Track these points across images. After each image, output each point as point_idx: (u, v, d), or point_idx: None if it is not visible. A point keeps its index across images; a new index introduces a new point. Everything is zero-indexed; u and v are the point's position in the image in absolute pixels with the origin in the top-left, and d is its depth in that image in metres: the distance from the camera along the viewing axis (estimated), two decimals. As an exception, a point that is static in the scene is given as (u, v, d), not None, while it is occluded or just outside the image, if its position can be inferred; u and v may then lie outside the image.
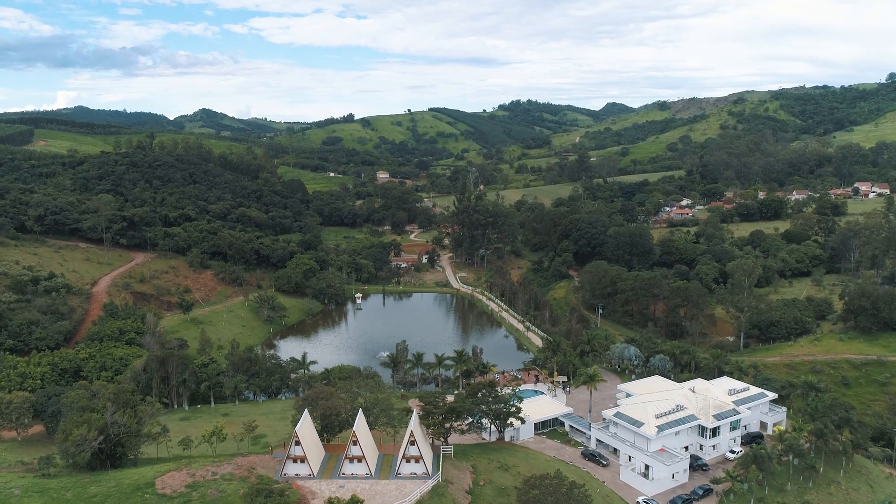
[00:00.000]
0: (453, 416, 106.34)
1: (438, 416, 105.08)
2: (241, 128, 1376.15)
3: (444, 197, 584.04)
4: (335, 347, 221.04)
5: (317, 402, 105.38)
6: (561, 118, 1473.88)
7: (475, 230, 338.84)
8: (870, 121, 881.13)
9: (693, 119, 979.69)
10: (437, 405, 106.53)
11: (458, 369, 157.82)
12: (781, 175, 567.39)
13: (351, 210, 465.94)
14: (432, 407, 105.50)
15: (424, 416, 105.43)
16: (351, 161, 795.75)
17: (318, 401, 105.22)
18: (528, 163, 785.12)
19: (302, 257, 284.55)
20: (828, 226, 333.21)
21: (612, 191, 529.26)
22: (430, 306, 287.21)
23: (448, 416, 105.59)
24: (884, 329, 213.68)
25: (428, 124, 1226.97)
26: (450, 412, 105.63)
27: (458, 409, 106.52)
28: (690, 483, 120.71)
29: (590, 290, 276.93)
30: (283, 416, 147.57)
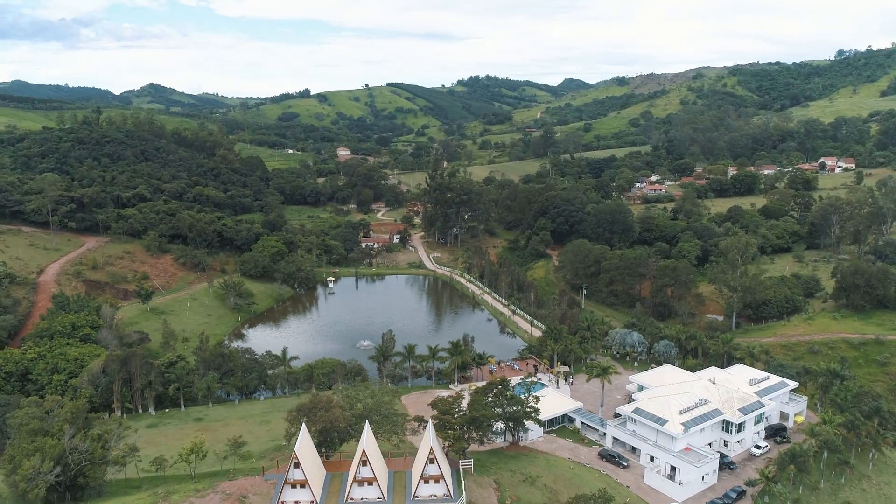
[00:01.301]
0: (474, 426, 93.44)
1: (457, 427, 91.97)
2: (192, 103, 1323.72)
3: (409, 174, 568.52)
4: (309, 337, 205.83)
5: (314, 413, 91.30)
6: (520, 94, 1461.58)
7: (448, 208, 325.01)
8: (824, 96, 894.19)
9: (653, 95, 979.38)
10: (454, 414, 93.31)
11: (453, 362, 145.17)
12: (746, 150, 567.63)
13: (314, 188, 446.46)
14: (450, 417, 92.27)
15: (440, 427, 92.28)
16: (309, 137, 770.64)
17: (316, 412, 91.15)
18: (491, 139, 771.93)
19: (269, 239, 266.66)
20: (804, 201, 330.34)
21: (580, 167, 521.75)
22: (406, 289, 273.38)
23: (468, 426, 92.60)
24: (877, 307, 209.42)
25: (386, 100, 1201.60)
26: (470, 422, 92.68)
27: (479, 420, 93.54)
28: (720, 485, 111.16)
29: (571, 269, 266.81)
30: (264, 419, 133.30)
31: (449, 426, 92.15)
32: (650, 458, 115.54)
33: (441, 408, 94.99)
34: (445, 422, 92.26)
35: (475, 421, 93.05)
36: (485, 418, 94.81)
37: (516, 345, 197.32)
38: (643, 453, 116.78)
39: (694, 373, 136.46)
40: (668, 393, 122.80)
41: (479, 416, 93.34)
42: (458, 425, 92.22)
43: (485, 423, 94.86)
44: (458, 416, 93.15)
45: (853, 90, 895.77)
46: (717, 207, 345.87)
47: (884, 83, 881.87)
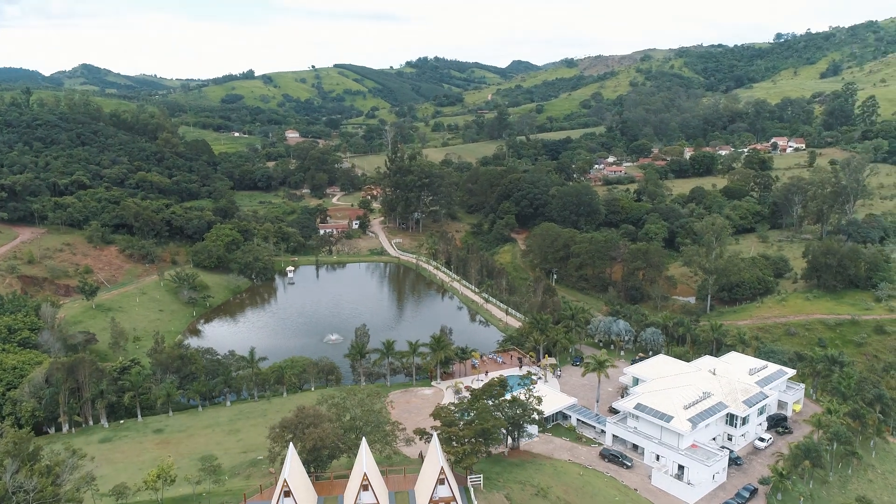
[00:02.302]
0: (484, 438, 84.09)
1: (465, 441, 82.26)
2: (129, 85, 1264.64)
3: (362, 157, 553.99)
4: (272, 331, 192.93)
5: (301, 430, 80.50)
6: (469, 76, 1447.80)
7: (409, 192, 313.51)
8: (766, 78, 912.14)
9: (603, 76, 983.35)
10: (459, 424, 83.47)
11: (435, 357, 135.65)
12: (698, 131, 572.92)
13: (264, 173, 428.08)
14: (456, 429, 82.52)
15: (445, 440, 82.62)
16: (256, 120, 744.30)
17: (304, 429, 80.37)
18: (443, 121, 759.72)
19: (222, 227, 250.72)
20: (763, 181, 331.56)
21: (537, 148, 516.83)
22: (370, 277, 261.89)
23: (477, 440, 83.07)
24: (848, 286, 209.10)
25: (334, 81, 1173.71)
26: (481, 435, 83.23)
27: (490, 431, 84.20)
28: (729, 483, 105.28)
29: (539, 253, 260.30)
30: (233, 427, 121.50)
31: (455, 439, 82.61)
32: (655, 456, 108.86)
33: (445, 418, 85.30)
34: (452, 434, 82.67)
35: (486, 433, 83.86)
36: (495, 429, 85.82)
37: (492, 334, 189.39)
38: (647, 452, 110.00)
39: (689, 363, 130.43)
40: (669, 386, 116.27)
41: (490, 427, 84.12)
42: (466, 438, 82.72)
43: (496, 434, 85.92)
44: (465, 427, 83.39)
45: (794, 72, 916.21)
46: (678, 188, 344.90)
47: (822, 65, 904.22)
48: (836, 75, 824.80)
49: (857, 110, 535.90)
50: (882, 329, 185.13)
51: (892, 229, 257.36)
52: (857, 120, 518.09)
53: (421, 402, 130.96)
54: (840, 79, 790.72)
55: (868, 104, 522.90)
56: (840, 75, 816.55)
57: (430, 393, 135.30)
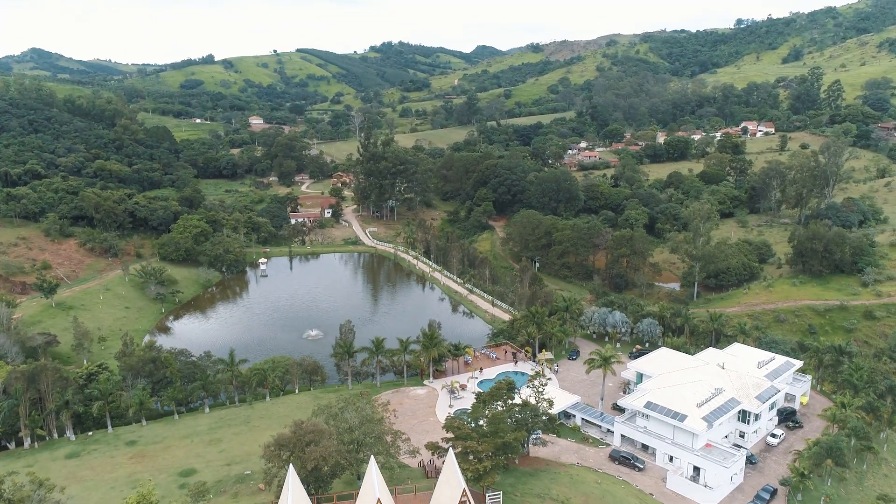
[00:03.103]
0: (504, 453, 76.76)
1: (485, 457, 74.50)
2: (82, 70, 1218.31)
3: (330, 143, 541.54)
4: (247, 328, 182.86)
5: (300, 448, 72.20)
6: (434, 61, 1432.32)
7: (384, 179, 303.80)
8: (730, 63, 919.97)
9: (570, 61, 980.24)
10: (475, 437, 75.70)
11: (428, 355, 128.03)
12: (667, 115, 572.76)
13: (229, 160, 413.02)
14: (474, 444, 74.82)
15: (462, 455, 75.01)
16: (218, 106, 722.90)
17: (304, 447, 72.11)
18: (411, 106, 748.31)
19: (189, 218, 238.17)
20: (739, 166, 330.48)
21: (508, 134, 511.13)
22: (346, 268, 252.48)
23: (497, 455, 75.53)
24: (834, 272, 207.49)
25: (297, 66, 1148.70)
26: (501, 449, 75.82)
27: (512, 445, 76.82)
28: (747, 483, 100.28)
29: (520, 241, 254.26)
30: (213, 436, 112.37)
31: (473, 453, 75.10)
32: (668, 458, 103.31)
33: (458, 431, 77.69)
34: (469, 449, 75.17)
35: (507, 448, 76.61)
36: (517, 441, 78.70)
37: (478, 326, 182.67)
38: (659, 453, 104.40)
39: (694, 356, 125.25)
40: (678, 382, 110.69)
41: (512, 440, 76.88)
42: (485, 453, 75.32)
43: (517, 447, 78.82)
44: (484, 441, 75.85)
45: (757, 57, 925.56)
46: (654, 173, 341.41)
47: (784, 50, 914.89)
48: (798, 60, 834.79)
49: (823, 94, 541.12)
50: (871, 314, 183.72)
51: (871, 212, 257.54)
52: (822, 104, 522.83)
53: (414, 404, 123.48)
54: (802, 64, 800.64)
55: (833, 88, 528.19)
56: (801, 60, 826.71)
57: (424, 393, 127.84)
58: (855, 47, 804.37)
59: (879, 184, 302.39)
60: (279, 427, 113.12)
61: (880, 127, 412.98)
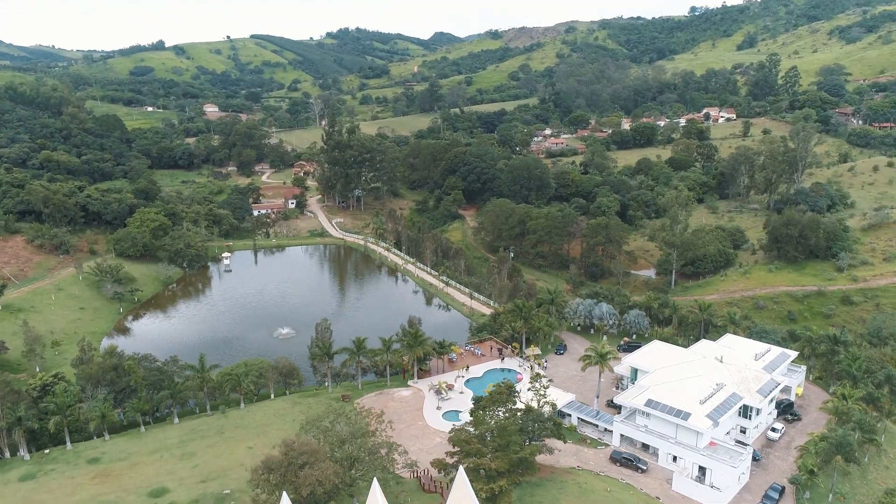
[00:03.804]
0: (520, 469, 70.50)
1: (498, 475, 67.93)
2: (23, 56, 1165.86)
3: (289, 132, 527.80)
4: (212, 327, 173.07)
5: (293, 471, 64.73)
6: (392, 47, 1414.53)
7: (349, 168, 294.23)
8: (687, 50, 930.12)
9: (530, 48, 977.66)
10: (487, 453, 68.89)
11: (413, 354, 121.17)
12: (629, 102, 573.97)
13: (185, 150, 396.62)
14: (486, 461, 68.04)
15: (472, 472, 68.40)
16: (170, 94, 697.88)
17: (298, 470, 64.66)
18: (371, 93, 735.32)
19: (146, 211, 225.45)
20: (706, 152, 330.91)
21: (472, 121, 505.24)
22: (314, 261, 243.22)
23: (513, 472, 69.14)
24: (809, 257, 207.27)
25: (251, 52, 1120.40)
26: (517, 466, 69.48)
27: (528, 461, 70.56)
28: (753, 482, 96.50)
29: (492, 231, 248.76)
30: (185, 449, 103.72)
31: (485, 470, 68.56)
32: (672, 458, 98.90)
33: (467, 446, 70.95)
34: (481, 467, 68.63)
35: (524, 464, 70.33)
36: (533, 456, 72.57)
37: (457, 320, 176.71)
38: (662, 453, 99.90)
39: (688, 349, 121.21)
40: (677, 378, 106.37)
41: (529, 455, 70.67)
42: (499, 471, 68.78)
43: (534, 462, 72.66)
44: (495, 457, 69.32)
45: (712, 44, 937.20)
46: (622, 160, 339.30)
47: (738, 37, 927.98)
48: (753, 47, 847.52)
49: (781, 81, 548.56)
50: (849, 300, 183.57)
51: (838, 197, 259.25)
52: (780, 90, 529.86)
53: (400, 406, 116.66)
54: (756, 51, 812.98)
55: (790, 75, 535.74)
56: (756, 47, 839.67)
57: (409, 394, 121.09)
58: (807, 34, 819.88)
59: (843, 168, 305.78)
60: (257, 437, 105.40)
61: (838, 112, 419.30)
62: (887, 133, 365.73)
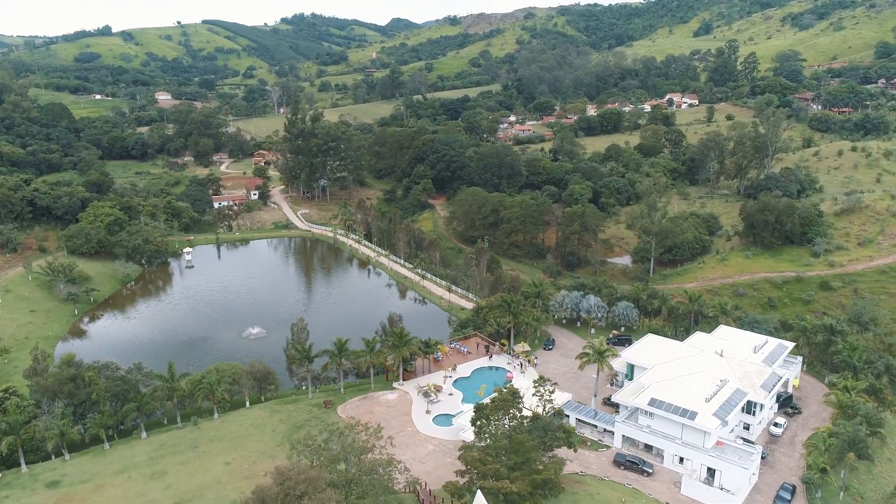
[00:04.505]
0: (543, 490, 64.26)
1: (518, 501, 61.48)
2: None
3: (247, 120, 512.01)
4: (176, 327, 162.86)
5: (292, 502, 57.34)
6: (349, 33, 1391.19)
7: (314, 157, 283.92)
8: (645, 36, 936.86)
9: (489, 34, 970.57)
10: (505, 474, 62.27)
11: (399, 355, 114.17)
12: (591, 88, 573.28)
13: (138, 139, 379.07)
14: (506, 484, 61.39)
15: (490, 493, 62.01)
16: (119, 81, 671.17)
17: (296, 501, 57.31)
18: (330, 80, 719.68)
19: (100, 205, 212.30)
20: (674, 138, 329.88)
21: (435, 108, 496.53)
22: (281, 255, 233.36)
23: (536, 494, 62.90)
24: (784, 243, 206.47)
25: (203, 38, 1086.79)
26: (540, 487, 63.24)
27: (552, 482, 64.30)
28: (762, 482, 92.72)
29: (465, 220, 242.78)
30: (155, 468, 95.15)
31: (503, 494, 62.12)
32: (678, 459, 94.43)
33: (481, 466, 64.35)
34: (500, 490, 62.19)
35: (548, 485, 64.13)
36: (557, 475, 66.41)
37: (434, 315, 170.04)
38: (668, 454, 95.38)
39: (684, 343, 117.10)
40: (679, 374, 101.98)
41: (554, 476, 64.46)
42: (521, 494, 62.48)
43: (558, 482, 66.48)
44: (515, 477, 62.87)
45: (669, 30, 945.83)
46: (590, 146, 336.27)
47: (695, 24, 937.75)
48: (709, 34, 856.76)
49: (740, 66, 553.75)
50: (827, 285, 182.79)
51: (807, 182, 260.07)
52: (739, 76, 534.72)
53: (387, 411, 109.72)
54: (712, 37, 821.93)
55: (749, 61, 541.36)
56: (712, 34, 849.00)
57: (395, 398, 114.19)
58: (760, 21, 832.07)
59: (808, 153, 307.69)
60: (234, 451, 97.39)
61: (798, 98, 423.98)
62: (846, 118, 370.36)
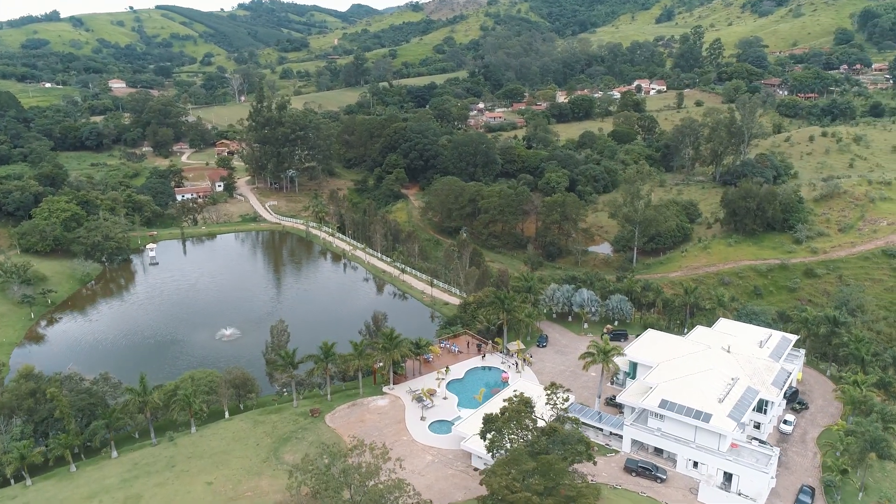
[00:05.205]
0: None
1: None
2: None
3: (207, 108, 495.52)
4: (142, 330, 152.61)
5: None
6: (309, 19, 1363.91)
7: (282, 147, 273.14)
8: (608, 23, 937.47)
9: (453, 20, 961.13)
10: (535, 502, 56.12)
11: (390, 357, 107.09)
12: (558, 75, 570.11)
13: (93, 129, 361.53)
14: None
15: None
16: (70, 68, 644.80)
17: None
18: (292, 67, 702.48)
19: (55, 200, 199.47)
20: (647, 124, 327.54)
21: (401, 95, 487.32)
22: (251, 250, 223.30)
23: None
24: (766, 230, 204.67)
25: (158, 25, 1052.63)
26: None
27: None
28: (780, 485, 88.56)
29: (441, 210, 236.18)
30: (129, 492, 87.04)
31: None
32: (692, 463, 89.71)
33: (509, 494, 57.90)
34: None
35: None
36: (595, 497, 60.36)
37: (416, 311, 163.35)
38: (681, 459, 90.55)
39: (686, 338, 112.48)
40: (687, 373, 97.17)
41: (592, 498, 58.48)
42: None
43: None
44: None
45: (632, 17, 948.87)
46: (563, 133, 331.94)
47: (656, 11, 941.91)
48: (671, 20, 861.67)
49: (705, 53, 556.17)
50: (812, 272, 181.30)
51: (783, 168, 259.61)
52: (705, 62, 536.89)
53: (379, 419, 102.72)
54: (674, 24, 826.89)
55: (714, 47, 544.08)
56: (674, 21, 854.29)
57: (386, 404, 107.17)
58: (721, 8, 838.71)
59: (780, 139, 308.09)
60: (216, 469, 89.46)
61: (765, 84, 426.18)
62: (813, 104, 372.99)
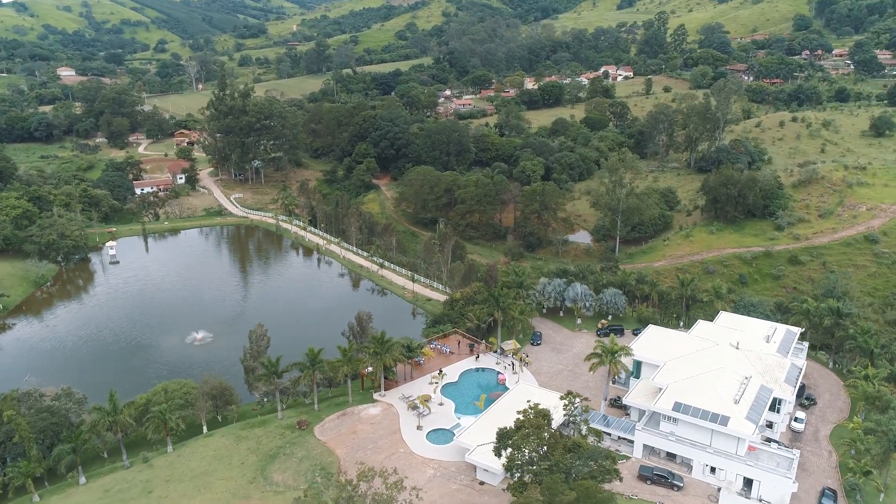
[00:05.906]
0: None
1: None
2: None
3: (162, 97, 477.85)
4: (106, 336, 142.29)
5: None
6: (266, 5, 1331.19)
7: (247, 137, 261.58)
8: (570, 9, 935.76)
9: (415, 6, 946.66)
10: None
11: (381, 362, 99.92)
12: (524, 61, 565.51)
13: (42, 119, 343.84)
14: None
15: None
16: (14, 56, 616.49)
17: None
18: (250, 54, 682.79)
19: (5, 196, 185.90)
20: (619, 111, 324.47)
21: (366, 82, 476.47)
22: (217, 245, 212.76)
23: None
24: (747, 217, 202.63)
25: (107, 10, 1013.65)
26: None
27: None
28: (800, 488, 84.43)
29: (416, 201, 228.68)
30: (101, 521, 77.91)
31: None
32: (709, 469, 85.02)
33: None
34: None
35: None
36: None
37: (398, 308, 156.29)
38: (697, 464, 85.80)
39: (690, 334, 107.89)
40: (697, 372, 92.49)
41: None
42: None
43: None
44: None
45: (593, 3, 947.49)
46: (534, 120, 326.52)
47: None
48: (632, 7, 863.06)
49: (669, 39, 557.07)
50: (796, 259, 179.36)
51: (757, 154, 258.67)
52: (669, 48, 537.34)
53: (373, 430, 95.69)
54: (635, 10, 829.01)
55: (679, 33, 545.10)
56: (635, 7, 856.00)
57: (379, 412, 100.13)
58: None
59: (750, 124, 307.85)
60: (198, 494, 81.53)
61: (731, 69, 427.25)
62: (780, 89, 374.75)
